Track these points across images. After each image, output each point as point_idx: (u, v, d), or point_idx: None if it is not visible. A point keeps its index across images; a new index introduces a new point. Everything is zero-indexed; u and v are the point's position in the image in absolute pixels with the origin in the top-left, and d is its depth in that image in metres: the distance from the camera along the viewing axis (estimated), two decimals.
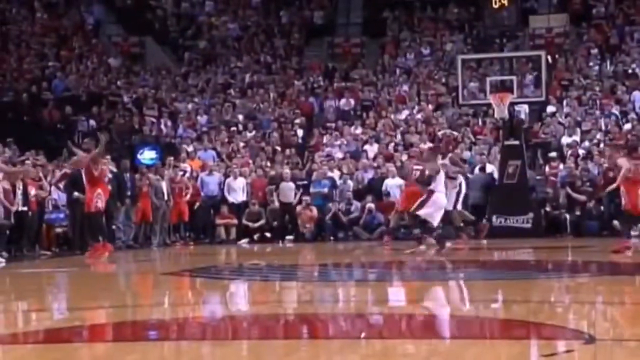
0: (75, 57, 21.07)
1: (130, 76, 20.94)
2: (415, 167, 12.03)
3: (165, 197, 14.50)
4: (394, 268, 9.93)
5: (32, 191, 12.59)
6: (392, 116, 18.15)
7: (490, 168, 15.22)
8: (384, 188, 15.28)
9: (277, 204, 15.15)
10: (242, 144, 17.46)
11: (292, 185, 15.27)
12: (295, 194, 15.27)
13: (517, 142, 14.62)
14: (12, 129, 17.13)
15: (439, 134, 17.06)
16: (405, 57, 20.76)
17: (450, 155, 12.79)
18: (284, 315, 6.10)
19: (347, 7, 23.38)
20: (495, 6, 15.29)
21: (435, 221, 10.98)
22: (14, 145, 15.57)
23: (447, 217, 11.60)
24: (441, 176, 11.08)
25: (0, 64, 20.44)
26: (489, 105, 15.66)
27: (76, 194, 12.89)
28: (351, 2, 23.43)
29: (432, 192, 10.89)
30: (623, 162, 10.43)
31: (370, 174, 15.92)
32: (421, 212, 10.87)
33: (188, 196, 14.89)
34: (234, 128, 18.24)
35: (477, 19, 19.54)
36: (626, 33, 19.69)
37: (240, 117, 18.79)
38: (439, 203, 10.98)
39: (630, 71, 18.25)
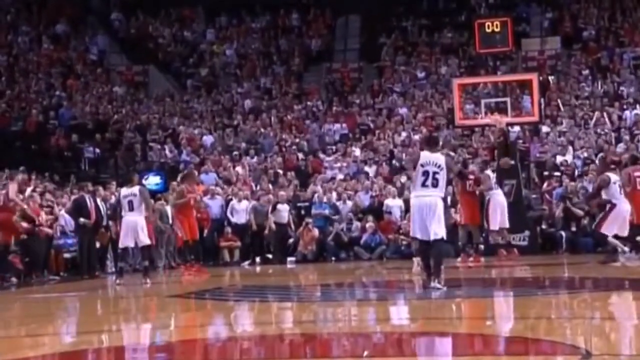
0: (81, 87, 21.54)
1: (134, 104, 21.41)
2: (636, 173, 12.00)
3: (170, 221, 14.82)
4: (395, 287, 10.13)
5: (43, 215, 12.92)
6: (390, 138, 18.56)
7: None
8: (384, 208, 15.63)
9: (273, 225, 15.50)
10: (244, 168, 17.85)
11: (286, 207, 15.64)
12: (288, 215, 15.62)
13: (512, 162, 14.94)
14: (21, 156, 17.54)
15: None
16: (401, 80, 21.24)
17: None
18: (291, 336, 6.20)
19: (345, 33, 23.91)
20: (488, 30, 15.70)
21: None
22: (24, 173, 15.73)
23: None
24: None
25: (9, 94, 20.90)
26: (484, 126, 16.04)
27: (82, 220, 13.26)
28: (348, 28, 23.97)
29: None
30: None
31: (370, 195, 16.31)
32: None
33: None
34: (236, 152, 18.67)
35: (471, 43, 20.04)
36: (616, 54, 20.16)
37: (242, 142, 19.23)
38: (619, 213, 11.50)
39: (620, 91, 18.70)
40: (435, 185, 8.20)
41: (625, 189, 11.92)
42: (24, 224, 12.18)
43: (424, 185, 8.20)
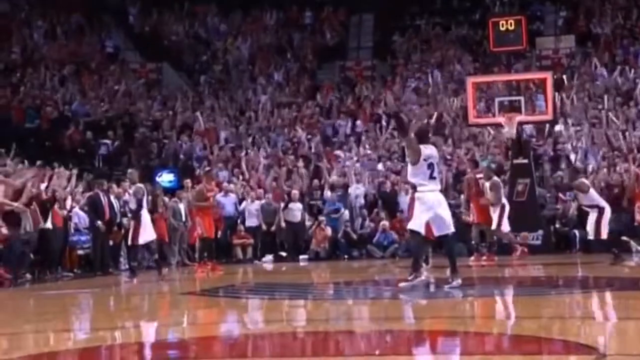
0: (95, 83, 21.67)
1: (148, 101, 21.50)
2: None
3: (184, 219, 14.89)
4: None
5: (56, 206, 12.94)
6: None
7: None
8: (398, 202, 15.58)
9: (283, 223, 15.50)
10: (257, 164, 17.88)
11: (299, 205, 15.66)
12: (302, 214, 15.63)
13: (525, 161, 14.89)
14: (35, 153, 17.62)
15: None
16: (414, 78, 21.18)
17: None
18: (303, 333, 6.26)
19: (358, 30, 23.94)
20: (503, 29, 15.65)
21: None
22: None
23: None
24: None
25: (23, 90, 20.99)
26: (498, 125, 15.98)
27: (98, 222, 13.29)
28: (362, 25, 23.99)
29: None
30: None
31: (383, 192, 16.30)
32: None
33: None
34: (249, 149, 18.70)
35: (485, 41, 19.97)
36: (631, 52, 20.02)
37: (256, 137, 19.27)
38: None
39: (635, 89, 18.55)
40: (439, 174, 8.77)
41: (634, 189, 11.89)
42: (4, 231, 12.17)
43: (431, 177, 8.32)
